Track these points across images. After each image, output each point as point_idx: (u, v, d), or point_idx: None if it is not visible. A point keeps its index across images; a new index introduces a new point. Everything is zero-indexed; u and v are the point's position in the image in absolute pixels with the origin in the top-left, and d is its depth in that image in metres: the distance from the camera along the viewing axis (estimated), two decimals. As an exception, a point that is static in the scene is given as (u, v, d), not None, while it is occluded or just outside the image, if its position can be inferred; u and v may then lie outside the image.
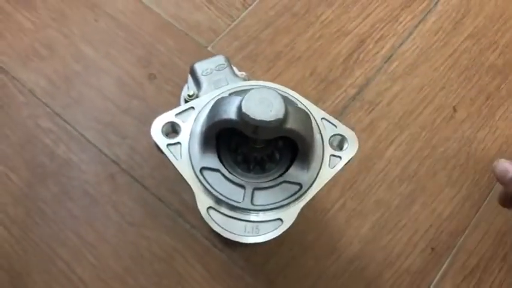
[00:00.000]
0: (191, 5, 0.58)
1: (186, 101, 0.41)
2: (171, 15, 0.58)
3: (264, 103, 0.30)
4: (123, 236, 0.47)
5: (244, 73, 0.43)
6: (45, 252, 0.46)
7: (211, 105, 0.35)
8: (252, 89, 0.31)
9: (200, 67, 0.40)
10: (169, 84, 0.54)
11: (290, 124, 0.31)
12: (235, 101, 0.31)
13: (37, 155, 0.50)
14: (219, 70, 0.40)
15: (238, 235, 0.32)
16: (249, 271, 0.46)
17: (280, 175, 0.35)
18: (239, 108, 0.30)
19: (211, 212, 0.33)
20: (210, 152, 0.34)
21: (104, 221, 0.48)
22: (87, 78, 0.54)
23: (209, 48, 0.56)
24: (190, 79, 0.42)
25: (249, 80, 0.41)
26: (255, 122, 0.30)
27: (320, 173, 0.34)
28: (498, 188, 0.51)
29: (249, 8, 0.58)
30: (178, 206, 0.48)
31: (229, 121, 0.31)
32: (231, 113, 0.31)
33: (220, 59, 0.41)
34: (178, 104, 0.43)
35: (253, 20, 0.58)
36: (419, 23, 0.58)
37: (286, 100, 0.33)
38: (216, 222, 0.32)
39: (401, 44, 0.57)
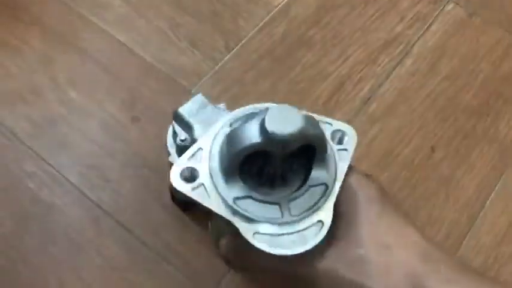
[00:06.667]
0: (175, 49, 0.60)
1: (178, 147, 0.41)
2: (156, 58, 0.59)
3: (284, 118, 0.31)
4: (107, 281, 0.47)
5: (223, 104, 0.44)
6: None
7: (219, 140, 0.35)
8: (253, 112, 0.34)
9: (185, 111, 0.41)
10: (153, 126, 0.55)
11: (312, 130, 0.33)
12: (252, 127, 0.32)
13: (21, 200, 0.51)
14: (202, 108, 0.41)
15: (289, 248, 0.32)
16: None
17: (302, 184, 0.36)
18: (263, 130, 0.31)
19: (257, 236, 0.33)
20: (235, 181, 0.34)
21: (88, 266, 0.48)
22: (72, 121, 0.55)
23: (193, 91, 0.57)
24: (175, 125, 0.42)
25: (229, 110, 0.41)
26: (284, 137, 0.31)
27: (336, 168, 0.36)
28: (478, 225, 0.52)
29: (232, 52, 0.60)
30: (162, 249, 0.49)
31: (255, 145, 0.32)
32: (253, 137, 0.32)
33: (200, 98, 0.41)
34: (165, 151, 0.44)
35: (236, 63, 0.59)
36: (397, 64, 0.60)
37: None
38: (265, 244, 0.32)
39: (380, 86, 0.59)
